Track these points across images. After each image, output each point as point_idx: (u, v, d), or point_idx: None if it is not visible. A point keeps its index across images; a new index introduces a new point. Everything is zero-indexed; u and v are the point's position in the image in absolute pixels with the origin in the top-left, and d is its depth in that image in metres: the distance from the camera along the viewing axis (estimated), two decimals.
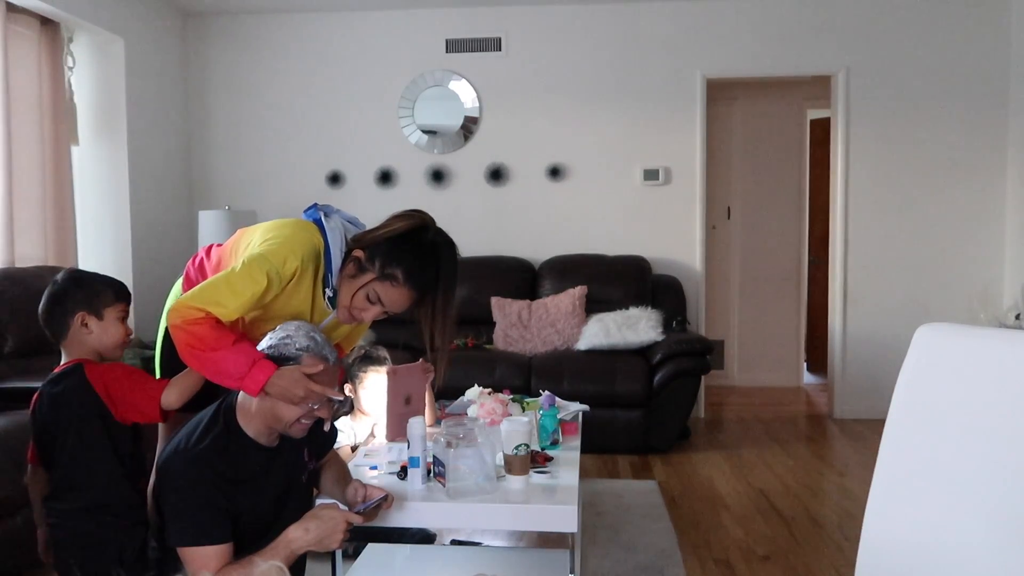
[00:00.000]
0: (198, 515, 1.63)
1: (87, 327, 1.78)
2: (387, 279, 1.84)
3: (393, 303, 1.87)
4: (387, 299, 1.86)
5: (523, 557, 2.58)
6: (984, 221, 4.96)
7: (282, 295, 1.86)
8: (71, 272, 1.85)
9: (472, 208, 5.22)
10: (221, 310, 1.74)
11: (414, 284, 1.85)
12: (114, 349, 1.82)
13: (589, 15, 5.14)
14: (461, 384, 3.02)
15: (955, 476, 1.31)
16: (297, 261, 1.82)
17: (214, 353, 1.70)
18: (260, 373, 1.67)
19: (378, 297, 1.86)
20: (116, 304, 1.82)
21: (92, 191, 4.61)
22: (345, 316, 1.91)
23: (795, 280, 6.15)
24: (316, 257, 1.88)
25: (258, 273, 1.78)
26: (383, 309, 1.88)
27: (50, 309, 1.79)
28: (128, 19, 4.62)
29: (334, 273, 1.89)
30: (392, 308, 1.88)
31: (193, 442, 1.68)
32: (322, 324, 1.99)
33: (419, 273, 1.85)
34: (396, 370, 2.36)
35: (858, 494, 3.60)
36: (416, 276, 1.85)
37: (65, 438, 1.71)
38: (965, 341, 1.38)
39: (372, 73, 5.27)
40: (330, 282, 1.90)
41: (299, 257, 1.83)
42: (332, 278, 1.89)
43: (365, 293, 1.86)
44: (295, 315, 1.91)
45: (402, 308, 1.89)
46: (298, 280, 1.86)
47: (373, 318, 1.91)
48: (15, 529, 2.59)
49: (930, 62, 4.94)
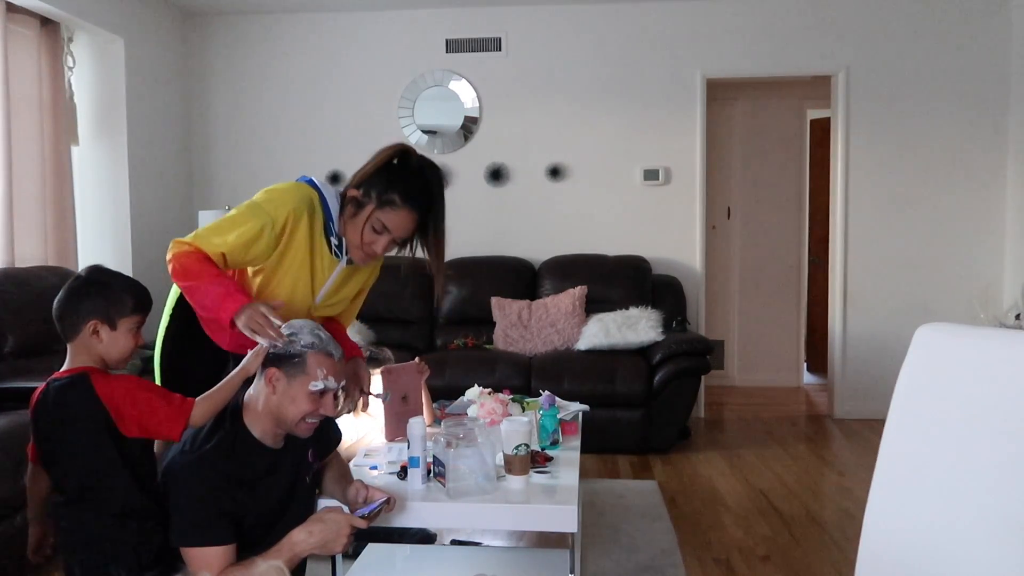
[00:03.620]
0: (202, 516, 1.64)
1: (98, 335, 1.72)
2: (386, 205, 1.95)
3: (397, 227, 1.97)
4: (392, 224, 1.96)
5: (523, 557, 2.58)
6: (984, 221, 4.96)
7: (282, 250, 1.95)
8: (94, 272, 1.77)
9: (472, 208, 5.22)
10: (206, 244, 1.88)
11: (412, 203, 1.96)
12: (120, 362, 1.77)
13: (589, 15, 5.14)
14: (461, 384, 3.03)
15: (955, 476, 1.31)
16: (290, 206, 1.93)
17: (196, 282, 1.84)
18: (232, 303, 1.78)
19: (383, 225, 1.96)
20: (133, 315, 1.76)
21: (92, 191, 4.61)
22: (359, 255, 2.02)
23: (795, 280, 6.15)
24: (311, 207, 1.97)
25: (250, 215, 1.91)
26: (391, 236, 1.98)
27: (65, 308, 1.73)
28: (128, 19, 4.62)
29: (335, 219, 2.00)
30: (398, 232, 1.98)
31: (199, 443, 1.69)
32: (324, 287, 2.06)
33: (415, 192, 1.96)
34: (391, 369, 2.37)
35: (858, 494, 3.60)
36: (412, 195, 1.96)
37: (75, 448, 1.67)
38: (965, 341, 1.38)
39: (372, 73, 5.27)
40: (333, 229, 2.01)
41: (292, 203, 1.93)
42: (334, 225, 2.00)
43: (370, 225, 1.97)
44: (295, 278, 1.99)
45: (407, 231, 1.99)
46: (292, 230, 1.95)
47: (385, 248, 2.01)
48: (15, 529, 2.59)
49: (930, 62, 4.94)
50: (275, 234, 1.92)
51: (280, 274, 2.00)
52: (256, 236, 1.89)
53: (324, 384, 1.74)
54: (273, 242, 1.93)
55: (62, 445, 1.68)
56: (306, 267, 2.01)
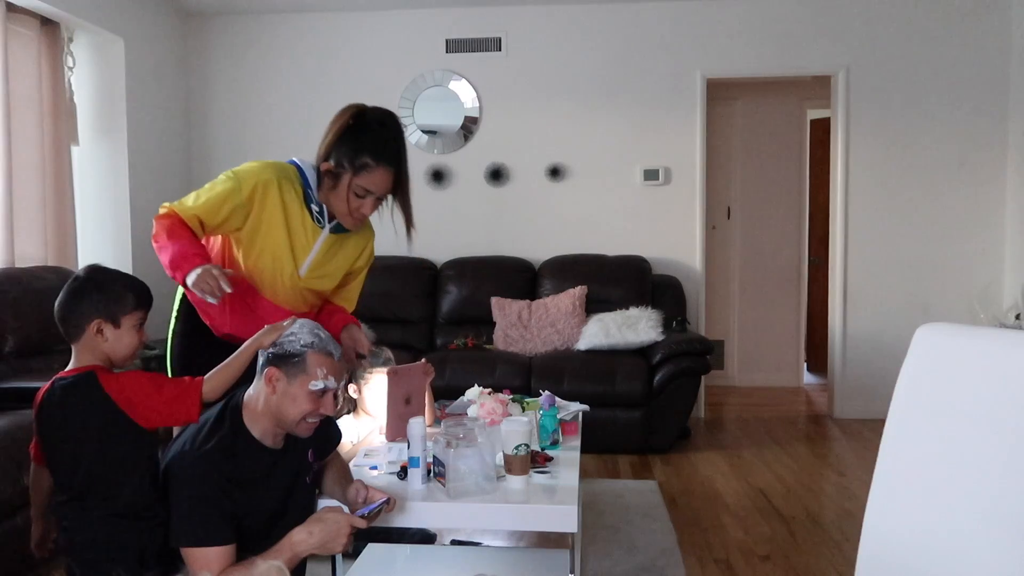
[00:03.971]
0: (202, 516, 1.63)
1: (102, 334, 1.72)
2: (362, 169, 2.03)
3: (378, 186, 2.05)
4: (372, 185, 2.05)
5: (523, 557, 2.58)
6: (984, 221, 4.96)
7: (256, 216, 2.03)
8: (93, 271, 1.78)
9: (472, 208, 5.22)
10: (181, 207, 1.99)
11: (385, 160, 2.04)
12: (126, 359, 1.78)
13: (589, 15, 5.14)
14: (461, 384, 3.03)
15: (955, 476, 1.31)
16: (259, 175, 2.02)
17: (164, 243, 1.93)
18: (187, 264, 1.88)
19: (364, 189, 2.05)
20: (135, 312, 1.76)
21: (92, 191, 4.61)
22: (350, 222, 2.11)
23: (795, 280, 6.15)
24: (284, 176, 2.06)
25: (222, 180, 2.02)
26: (375, 196, 2.07)
27: (67, 309, 1.73)
28: (128, 19, 4.62)
29: (314, 188, 2.09)
30: (380, 191, 2.06)
31: (199, 443, 1.68)
32: (309, 257, 2.12)
33: (383, 149, 2.04)
34: (397, 370, 2.36)
35: (858, 494, 3.61)
36: (382, 152, 2.04)
37: (81, 447, 1.67)
38: (965, 341, 1.38)
39: (372, 73, 5.27)
40: (313, 197, 2.09)
41: (261, 172, 2.03)
42: (314, 192, 2.09)
43: (353, 191, 2.05)
44: (274, 246, 2.07)
45: (388, 187, 2.07)
46: (263, 198, 2.03)
47: (373, 209, 2.10)
48: (15, 529, 2.59)
49: (930, 62, 4.94)
50: (243, 198, 2.01)
51: (259, 243, 2.08)
52: (224, 198, 2.00)
53: (324, 384, 1.73)
54: (243, 206, 2.02)
55: (68, 444, 1.68)
56: (283, 235, 2.07)
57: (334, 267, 2.21)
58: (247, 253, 2.09)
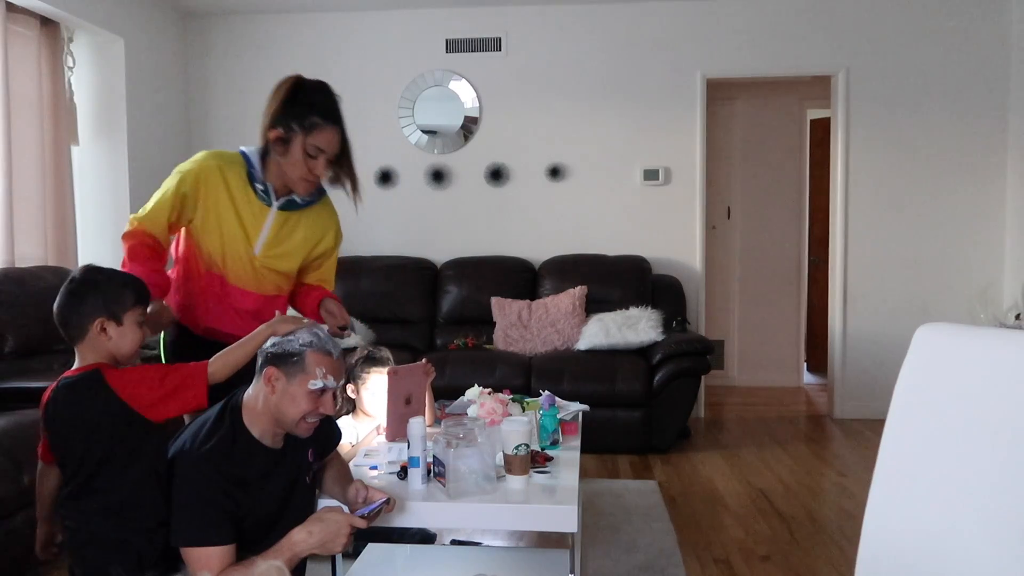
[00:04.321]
0: (202, 516, 1.63)
1: (106, 333, 1.72)
2: (313, 128, 2.09)
3: (328, 143, 2.12)
4: (323, 143, 2.11)
5: (523, 557, 2.58)
6: (984, 221, 4.96)
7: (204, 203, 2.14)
8: (89, 272, 1.78)
9: (472, 208, 5.22)
10: (142, 213, 2.12)
11: (332, 118, 2.12)
12: (131, 356, 1.77)
13: (589, 15, 5.14)
14: (461, 384, 3.02)
15: (955, 476, 1.31)
16: (205, 161, 2.14)
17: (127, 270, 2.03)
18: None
19: (316, 147, 2.11)
20: (135, 308, 1.77)
21: (92, 191, 4.61)
22: (304, 186, 2.17)
23: (795, 280, 6.15)
24: (225, 161, 2.16)
25: (172, 175, 2.16)
26: (326, 156, 2.13)
27: (67, 311, 1.73)
28: (128, 19, 4.63)
29: (258, 168, 2.16)
30: (331, 149, 2.13)
31: (199, 443, 1.68)
32: (261, 235, 2.19)
33: (329, 107, 2.13)
34: (397, 370, 2.36)
35: (858, 494, 3.61)
36: (329, 110, 2.12)
37: (90, 445, 1.66)
38: (965, 341, 1.38)
39: (372, 73, 5.27)
40: (257, 176, 2.16)
41: (202, 160, 2.15)
42: (258, 172, 2.16)
43: (304, 151, 2.10)
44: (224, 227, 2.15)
45: (337, 145, 2.14)
46: (207, 183, 2.13)
47: (324, 168, 2.15)
48: (15, 529, 2.59)
49: (930, 62, 4.94)
50: (188, 187, 2.13)
51: (212, 228, 2.16)
52: (174, 194, 2.12)
53: (323, 383, 1.73)
54: (191, 196, 2.13)
55: (75, 442, 1.68)
56: (232, 216, 2.16)
57: (292, 246, 2.26)
58: (204, 240, 2.18)
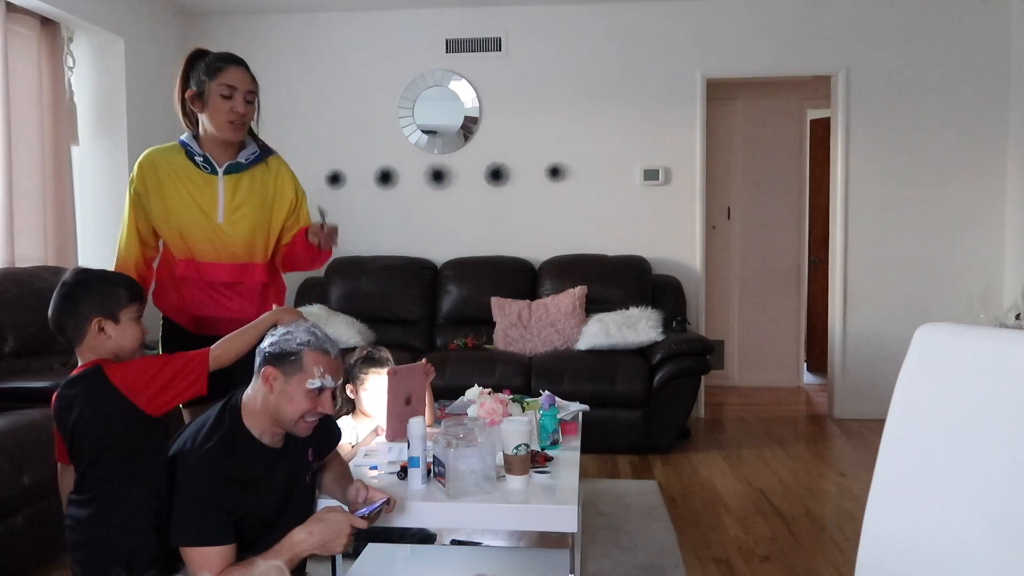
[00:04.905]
0: (202, 516, 1.64)
1: (104, 332, 1.73)
2: (217, 72, 2.24)
3: (238, 80, 2.26)
4: (233, 80, 2.25)
5: (523, 557, 2.58)
6: (984, 221, 4.96)
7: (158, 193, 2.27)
8: (80, 274, 1.78)
9: (472, 208, 5.22)
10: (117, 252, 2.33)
11: (234, 61, 2.28)
12: (133, 352, 1.78)
13: (589, 15, 5.14)
14: (461, 384, 3.03)
15: (955, 476, 1.31)
16: (143, 157, 2.30)
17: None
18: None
19: (227, 86, 2.24)
20: (130, 305, 1.77)
21: (92, 191, 4.61)
22: (231, 129, 2.28)
23: (795, 280, 6.15)
24: (164, 148, 2.33)
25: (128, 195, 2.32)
26: (240, 92, 2.25)
27: (63, 315, 1.73)
28: (128, 19, 4.62)
29: (194, 144, 2.30)
30: (242, 85, 2.26)
31: (199, 443, 1.68)
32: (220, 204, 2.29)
33: (226, 54, 2.29)
34: (397, 370, 2.36)
35: (858, 494, 3.60)
36: (228, 56, 2.28)
37: (85, 436, 1.67)
38: (965, 341, 1.38)
39: (372, 73, 5.27)
40: (195, 151, 2.29)
41: (144, 154, 2.32)
42: (195, 147, 2.30)
43: (219, 94, 2.24)
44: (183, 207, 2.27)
45: (247, 82, 2.29)
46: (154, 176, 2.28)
47: (243, 106, 2.27)
48: (16, 529, 2.59)
49: (930, 62, 4.94)
50: (140, 187, 2.28)
51: (167, 213, 2.28)
52: (130, 202, 2.31)
53: (321, 382, 1.73)
54: (143, 192, 2.28)
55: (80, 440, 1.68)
56: (183, 195, 2.27)
57: (252, 204, 2.34)
58: (166, 228, 2.30)
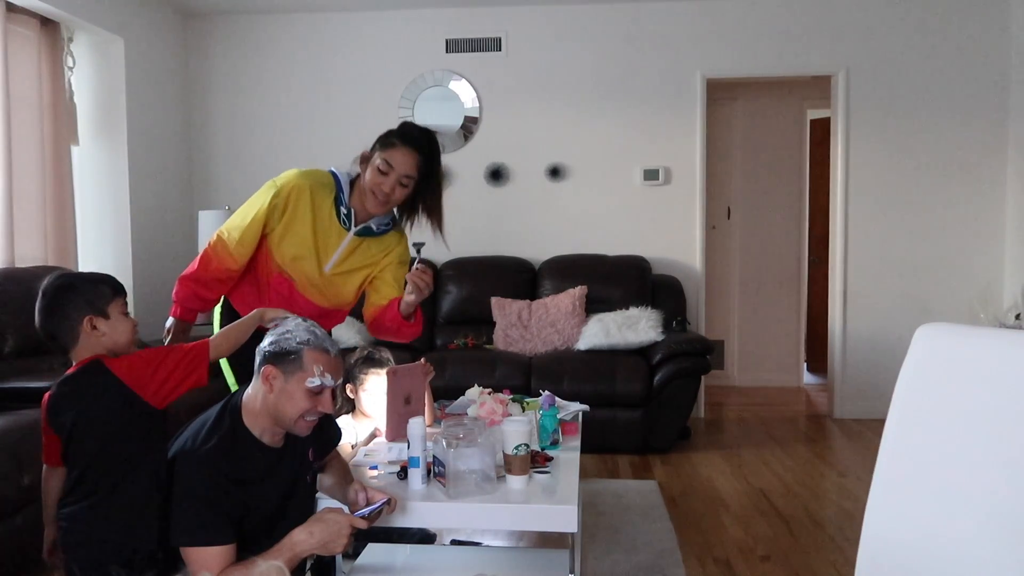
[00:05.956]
0: (202, 515, 1.63)
1: (97, 329, 1.72)
2: (387, 146, 2.23)
3: (400, 163, 2.22)
4: (395, 161, 2.22)
5: (523, 557, 2.58)
6: (984, 221, 4.96)
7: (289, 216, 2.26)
8: (59, 279, 1.76)
9: (472, 208, 5.22)
10: (227, 233, 2.25)
11: (410, 141, 2.23)
12: (127, 345, 1.77)
13: (589, 15, 5.14)
14: (461, 384, 3.02)
15: (955, 476, 1.31)
16: (294, 181, 2.27)
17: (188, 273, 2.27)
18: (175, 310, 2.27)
19: (387, 163, 2.22)
20: (115, 300, 1.77)
21: (92, 191, 4.61)
22: (372, 201, 2.26)
23: (795, 280, 6.15)
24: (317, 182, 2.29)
25: (264, 190, 2.27)
26: (396, 175, 2.22)
27: (52, 321, 1.72)
28: (128, 19, 4.62)
29: (346, 192, 2.30)
30: (401, 169, 2.22)
31: (199, 442, 1.68)
32: (334, 256, 2.32)
33: (412, 133, 2.25)
34: (396, 370, 2.36)
35: (858, 494, 3.60)
36: (409, 135, 2.25)
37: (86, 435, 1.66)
38: (965, 341, 1.38)
39: (372, 73, 5.27)
40: (343, 200, 2.29)
41: (296, 179, 2.27)
42: (345, 195, 2.29)
43: (376, 167, 2.23)
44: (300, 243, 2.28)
45: (410, 168, 2.23)
46: (296, 201, 2.26)
47: (392, 187, 2.23)
48: (15, 529, 2.59)
49: (930, 62, 4.94)
50: (281, 200, 2.25)
51: (287, 240, 2.29)
52: (267, 207, 2.25)
53: (321, 380, 1.73)
54: (279, 208, 2.26)
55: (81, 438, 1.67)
56: (309, 235, 2.28)
57: (360, 271, 2.40)
58: (279, 250, 2.31)
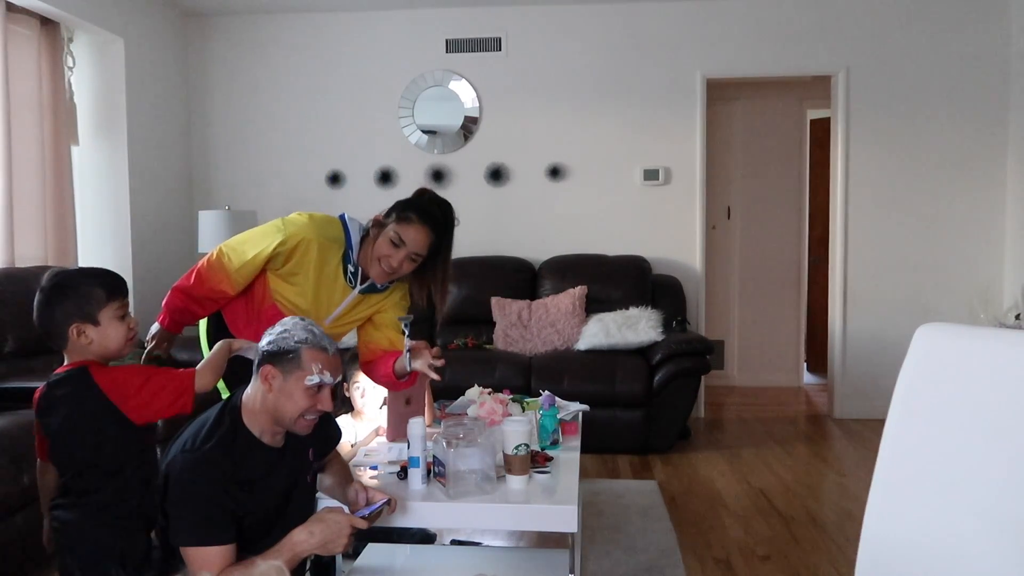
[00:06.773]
0: (203, 515, 1.63)
1: (85, 335, 1.69)
2: (403, 220, 2.16)
3: (413, 240, 2.16)
4: (408, 237, 2.15)
5: (523, 557, 2.58)
6: (984, 221, 4.96)
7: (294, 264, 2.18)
8: (55, 277, 1.72)
9: (472, 208, 5.21)
10: (227, 257, 2.15)
11: (427, 219, 2.16)
12: (119, 351, 1.74)
13: (589, 15, 5.14)
14: (461, 384, 3.02)
15: (955, 476, 1.31)
16: (304, 234, 2.16)
17: (182, 284, 2.18)
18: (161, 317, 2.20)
19: (400, 237, 2.15)
20: (110, 303, 1.71)
21: (92, 191, 4.61)
22: (377, 270, 2.20)
23: (795, 280, 6.15)
24: (328, 239, 2.19)
25: (273, 228, 2.17)
26: (407, 251, 2.16)
27: (43, 321, 1.70)
28: (128, 19, 4.62)
29: (354, 248, 2.21)
30: (413, 247, 2.16)
31: (199, 442, 1.68)
32: (335, 312, 2.25)
33: (429, 212, 2.18)
34: None
35: (858, 494, 3.60)
36: (427, 214, 2.17)
37: (71, 443, 1.66)
38: (965, 341, 1.38)
39: (372, 73, 5.27)
40: (351, 257, 2.21)
41: (308, 232, 2.16)
42: (353, 253, 2.21)
43: (388, 238, 2.16)
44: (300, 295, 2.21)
45: (421, 246, 2.17)
46: (303, 254, 2.17)
47: (401, 262, 2.17)
48: (15, 529, 2.59)
49: (930, 62, 4.94)
50: (287, 248, 2.16)
51: (288, 287, 2.22)
52: (271, 252, 2.15)
53: (320, 378, 1.73)
54: (284, 255, 2.17)
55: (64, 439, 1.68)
56: (310, 289, 2.21)
57: (355, 316, 2.34)
58: (277, 287, 2.24)
